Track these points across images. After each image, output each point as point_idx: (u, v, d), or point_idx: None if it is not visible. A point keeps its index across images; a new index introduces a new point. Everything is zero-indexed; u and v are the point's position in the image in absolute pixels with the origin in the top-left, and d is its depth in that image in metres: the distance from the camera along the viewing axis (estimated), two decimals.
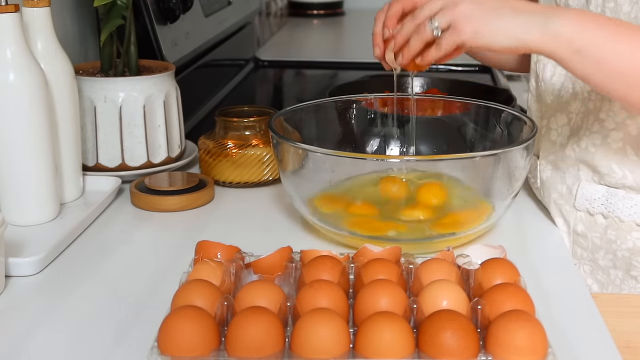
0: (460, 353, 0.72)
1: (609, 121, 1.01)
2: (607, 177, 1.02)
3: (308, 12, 2.88)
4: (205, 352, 0.73)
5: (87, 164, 1.22)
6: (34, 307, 0.90)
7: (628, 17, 0.96)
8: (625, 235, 1.03)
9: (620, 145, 1.01)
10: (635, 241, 1.02)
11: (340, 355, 0.72)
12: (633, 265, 1.03)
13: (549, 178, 1.10)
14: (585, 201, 1.05)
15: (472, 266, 0.85)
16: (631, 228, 1.02)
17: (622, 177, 1.01)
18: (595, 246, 1.05)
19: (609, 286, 1.06)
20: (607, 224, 1.04)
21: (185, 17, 1.55)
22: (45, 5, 1.08)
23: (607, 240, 1.04)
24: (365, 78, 1.62)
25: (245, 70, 2.07)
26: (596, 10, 1.00)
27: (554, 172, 1.09)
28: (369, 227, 1.02)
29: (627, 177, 1.01)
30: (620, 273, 1.04)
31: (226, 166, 1.22)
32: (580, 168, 1.05)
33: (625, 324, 0.92)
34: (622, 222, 1.02)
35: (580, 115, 1.05)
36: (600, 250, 1.05)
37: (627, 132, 1.00)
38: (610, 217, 1.03)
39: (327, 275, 0.83)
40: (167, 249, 1.05)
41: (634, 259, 1.03)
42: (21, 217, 1.05)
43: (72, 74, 1.12)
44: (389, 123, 1.22)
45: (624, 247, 1.03)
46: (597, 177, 1.04)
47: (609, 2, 0.98)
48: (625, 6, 0.97)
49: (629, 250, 1.03)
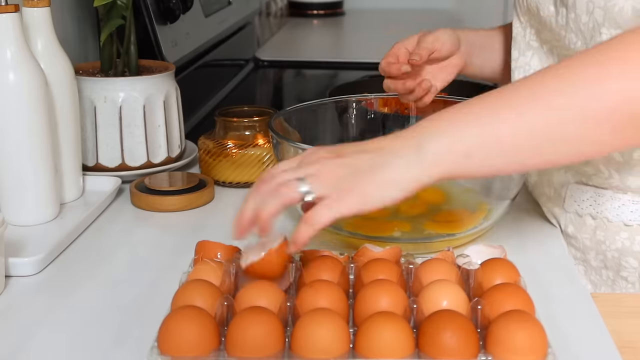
0: (460, 353, 0.72)
1: None
2: (595, 178, 1.03)
3: (308, 12, 2.88)
4: (205, 352, 0.73)
5: (87, 164, 1.22)
6: (34, 307, 0.90)
7: (586, 28, 0.95)
8: (614, 235, 1.03)
9: None
10: (623, 241, 1.02)
11: (340, 355, 0.72)
12: (622, 266, 1.03)
13: (536, 181, 1.10)
14: (574, 202, 1.05)
15: (472, 266, 0.85)
16: (619, 228, 1.02)
17: (609, 177, 1.01)
18: (586, 247, 1.06)
19: (601, 286, 1.06)
20: (596, 225, 1.04)
21: (185, 17, 1.55)
22: (45, 5, 1.08)
23: (596, 241, 1.04)
24: (365, 78, 1.63)
25: (245, 70, 2.07)
26: (562, 21, 0.99)
27: (540, 175, 1.09)
28: (370, 227, 1.02)
29: (614, 177, 1.01)
30: (611, 274, 1.05)
31: (226, 166, 1.22)
32: (567, 170, 1.05)
33: (625, 324, 0.92)
34: (610, 222, 1.02)
35: None
36: (591, 251, 1.05)
37: None
38: (599, 217, 1.03)
39: (327, 275, 0.83)
40: (167, 249, 1.05)
41: (623, 260, 1.03)
42: (21, 217, 1.05)
43: (72, 74, 1.12)
44: (389, 123, 1.23)
45: (612, 247, 1.03)
46: (584, 178, 1.04)
47: (571, 13, 0.97)
48: (583, 17, 0.96)
49: (617, 250, 1.03)
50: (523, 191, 1.15)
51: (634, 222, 1.01)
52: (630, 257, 1.02)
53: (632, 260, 1.02)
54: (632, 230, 1.01)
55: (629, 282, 1.03)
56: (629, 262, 1.02)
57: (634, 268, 1.03)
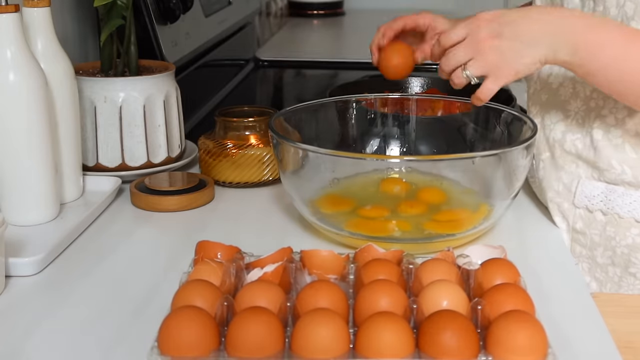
0: (460, 353, 0.72)
1: (610, 118, 1.02)
2: (607, 173, 1.03)
3: (308, 12, 2.88)
4: (205, 352, 0.73)
5: (87, 164, 1.22)
6: (34, 307, 0.90)
7: None
8: (625, 231, 1.03)
9: (619, 142, 1.02)
10: (634, 237, 1.03)
11: (340, 355, 0.72)
12: (632, 262, 1.03)
13: (544, 176, 1.10)
14: (585, 198, 1.05)
15: (472, 266, 0.85)
16: (630, 224, 1.02)
17: (621, 172, 1.02)
18: (594, 243, 1.06)
19: (607, 284, 1.06)
20: (607, 221, 1.04)
21: (185, 17, 1.55)
22: (45, 5, 1.08)
23: (606, 237, 1.04)
24: (365, 78, 1.62)
25: (245, 70, 2.07)
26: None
27: (549, 170, 1.09)
28: (370, 227, 1.02)
29: (627, 173, 1.01)
30: (619, 270, 1.05)
31: (226, 166, 1.22)
32: (578, 165, 1.06)
33: (625, 324, 0.92)
34: (621, 218, 1.03)
35: (581, 114, 1.05)
36: (599, 247, 1.05)
37: (627, 130, 1.01)
38: (610, 213, 1.04)
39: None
40: (167, 249, 1.05)
41: (632, 256, 1.03)
42: (21, 217, 1.05)
43: (72, 74, 1.12)
44: (389, 123, 1.23)
45: (623, 243, 1.03)
46: (596, 174, 1.04)
47: (599, 5, 0.99)
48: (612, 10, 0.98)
49: (628, 246, 1.03)
50: (523, 191, 1.15)
51: None
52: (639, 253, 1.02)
53: None
54: None
55: (637, 278, 1.04)
56: (639, 259, 1.03)
57: None
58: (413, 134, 1.21)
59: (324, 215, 1.04)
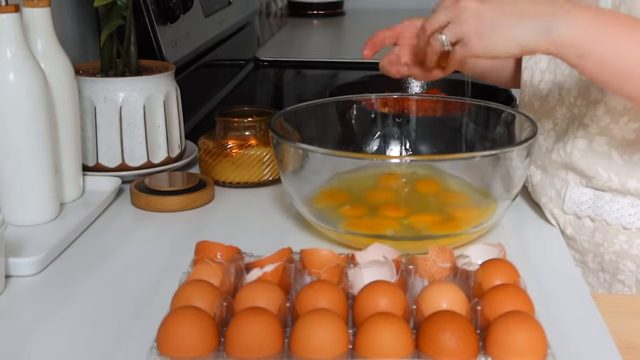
0: (460, 354, 0.72)
1: (593, 126, 1.02)
2: (594, 180, 1.03)
3: (308, 12, 2.88)
4: (205, 352, 0.73)
5: (87, 164, 1.22)
6: (34, 307, 0.90)
7: None
8: (612, 238, 1.03)
9: (605, 149, 1.01)
10: (622, 244, 1.02)
11: (339, 356, 0.72)
12: (620, 269, 1.03)
13: (538, 182, 1.10)
14: (573, 204, 1.05)
15: (471, 267, 0.85)
16: (617, 231, 1.02)
17: (608, 180, 1.01)
18: (584, 249, 1.06)
19: (598, 289, 1.06)
20: (595, 227, 1.04)
21: (185, 17, 1.55)
22: (45, 5, 1.08)
23: (594, 244, 1.04)
24: (365, 78, 1.62)
25: (245, 70, 2.07)
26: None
27: (543, 176, 1.09)
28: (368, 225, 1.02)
29: (613, 180, 1.01)
30: (608, 276, 1.05)
31: (226, 166, 1.22)
32: (568, 172, 1.06)
33: (625, 324, 0.92)
34: (608, 225, 1.03)
35: (566, 121, 1.06)
36: (589, 253, 1.05)
37: (612, 137, 1.01)
38: (597, 220, 1.03)
39: None
40: (167, 249, 1.05)
41: (620, 263, 1.03)
42: (21, 217, 1.05)
43: (72, 74, 1.12)
44: (389, 123, 1.23)
45: (610, 250, 1.03)
46: (584, 181, 1.04)
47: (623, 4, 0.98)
48: None
49: (615, 253, 1.03)
50: (523, 191, 1.15)
51: (632, 226, 1.01)
52: (627, 260, 1.02)
53: (629, 264, 1.02)
54: (631, 233, 1.01)
55: (626, 285, 1.03)
56: (627, 266, 1.02)
57: (631, 271, 1.02)
58: (413, 134, 1.21)
59: (323, 214, 1.04)
